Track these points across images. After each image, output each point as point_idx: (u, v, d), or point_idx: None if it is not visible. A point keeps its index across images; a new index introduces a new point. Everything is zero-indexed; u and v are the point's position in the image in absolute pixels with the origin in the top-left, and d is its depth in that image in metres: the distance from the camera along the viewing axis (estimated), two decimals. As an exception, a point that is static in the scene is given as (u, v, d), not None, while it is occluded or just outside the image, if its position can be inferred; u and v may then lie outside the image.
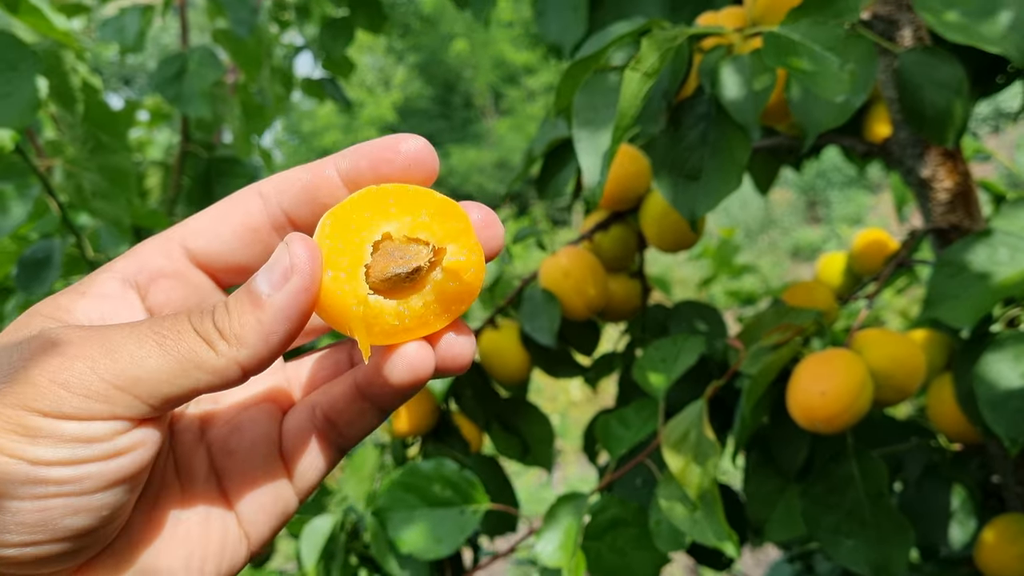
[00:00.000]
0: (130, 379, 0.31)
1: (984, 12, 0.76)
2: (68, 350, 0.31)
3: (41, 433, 0.30)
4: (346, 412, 0.38)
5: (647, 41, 0.73)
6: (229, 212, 0.38)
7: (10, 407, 0.30)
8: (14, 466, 0.29)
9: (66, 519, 0.30)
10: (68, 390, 0.30)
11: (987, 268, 0.88)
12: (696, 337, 0.98)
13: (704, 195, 0.83)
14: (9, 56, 1.11)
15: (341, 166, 0.37)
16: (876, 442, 1.07)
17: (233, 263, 0.39)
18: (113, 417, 0.31)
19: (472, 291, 0.36)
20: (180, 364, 0.31)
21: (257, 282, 0.33)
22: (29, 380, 0.30)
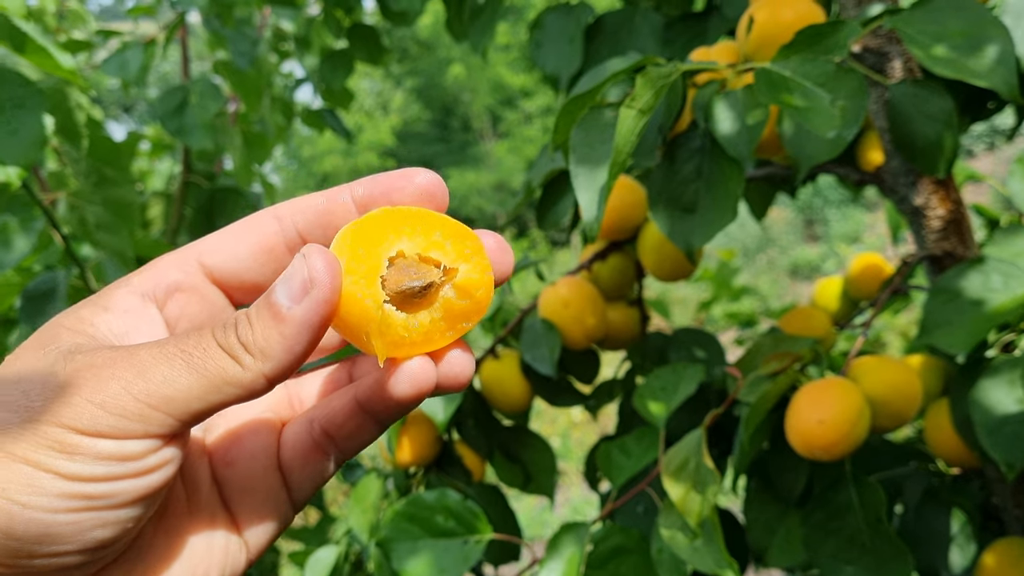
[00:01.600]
0: (162, 398, 0.32)
1: (971, 47, 0.77)
2: (103, 371, 0.32)
3: (78, 450, 0.31)
4: (344, 426, 0.39)
5: (641, 79, 0.74)
6: (245, 232, 0.39)
7: (48, 424, 0.31)
8: (51, 480, 0.30)
9: (94, 531, 0.32)
10: (104, 409, 0.31)
11: (981, 295, 0.89)
12: (695, 366, 0.99)
13: (700, 227, 0.84)
14: (16, 94, 1.13)
15: (356, 193, 0.39)
16: (875, 467, 1.08)
17: (248, 281, 0.40)
18: (146, 436, 0.32)
19: (480, 310, 0.37)
20: (210, 381, 0.32)
21: (277, 295, 0.34)
22: (66, 400, 0.31)
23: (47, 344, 0.34)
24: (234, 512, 0.39)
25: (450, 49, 12.29)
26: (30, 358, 0.34)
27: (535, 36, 1.34)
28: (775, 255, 8.37)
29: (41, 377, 0.32)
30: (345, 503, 4.10)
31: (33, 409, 0.31)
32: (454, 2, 1.46)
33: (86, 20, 2.47)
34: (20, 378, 0.33)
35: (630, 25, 1.29)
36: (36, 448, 0.30)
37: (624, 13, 1.30)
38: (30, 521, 0.30)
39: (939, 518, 1.04)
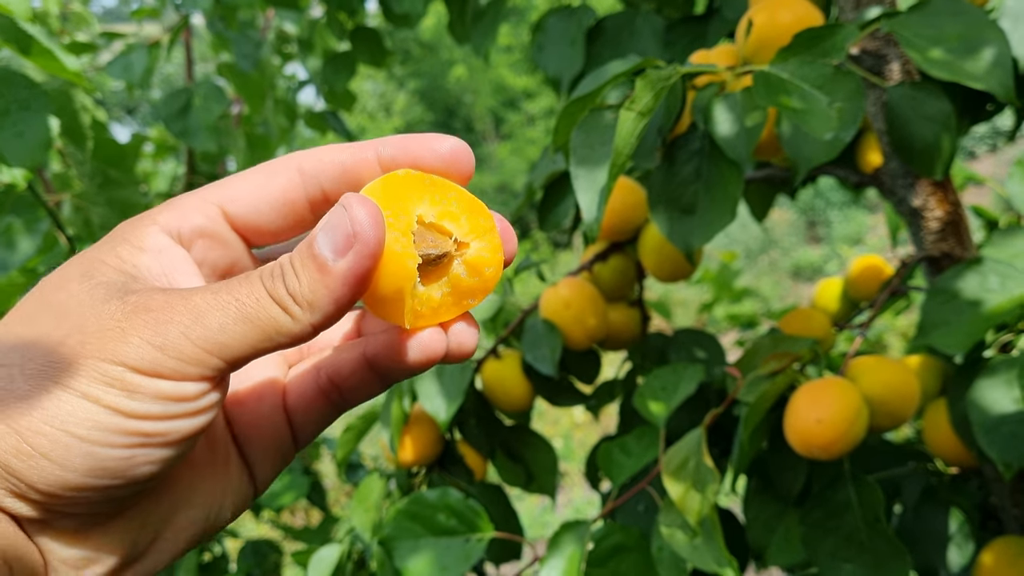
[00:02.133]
0: (217, 345, 0.33)
1: (968, 49, 0.78)
2: (161, 315, 0.33)
3: (138, 389, 0.32)
4: (350, 378, 0.40)
5: (641, 81, 0.75)
6: (268, 183, 0.40)
7: (107, 363, 0.32)
8: (109, 416, 0.32)
9: (143, 467, 0.33)
10: (163, 352, 0.32)
11: (978, 295, 0.90)
12: (695, 366, 1.00)
13: (699, 229, 0.85)
14: (21, 96, 1.14)
15: (383, 153, 0.39)
16: (874, 467, 1.09)
17: (266, 229, 0.40)
18: (200, 378, 0.33)
19: (487, 288, 0.38)
20: (262, 330, 0.34)
21: (320, 246, 0.34)
22: (126, 340, 0.32)
23: (91, 276, 0.35)
24: (243, 449, 0.41)
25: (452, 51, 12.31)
26: (76, 289, 0.35)
27: (537, 39, 1.35)
28: (777, 256, 8.37)
29: (95, 314, 0.33)
30: (347, 503, 4.11)
31: (91, 345, 0.32)
32: (456, 5, 1.46)
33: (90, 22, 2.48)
34: (70, 311, 0.34)
35: (631, 27, 1.30)
36: (96, 384, 0.32)
37: (625, 15, 1.30)
38: (87, 455, 0.32)
39: (937, 517, 1.05)
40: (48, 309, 0.34)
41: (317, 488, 2.05)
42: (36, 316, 0.34)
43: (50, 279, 0.36)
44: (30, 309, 0.35)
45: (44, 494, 0.32)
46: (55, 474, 0.31)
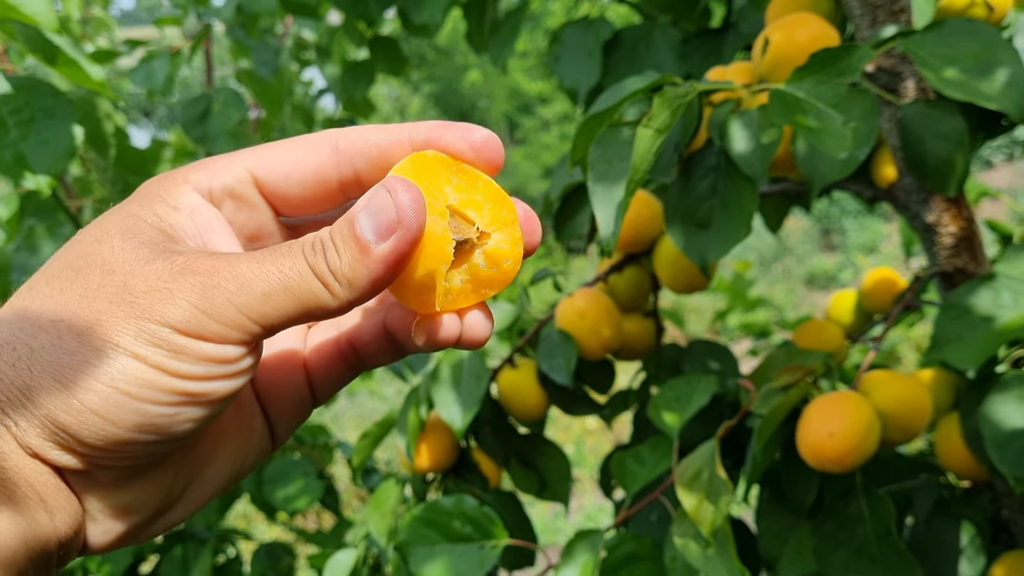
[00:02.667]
0: (260, 313, 0.34)
1: (982, 69, 0.79)
2: (208, 280, 0.34)
3: (184, 351, 0.33)
4: (369, 345, 0.42)
5: (659, 98, 0.76)
6: (303, 156, 0.40)
7: (155, 323, 0.33)
8: (155, 375, 0.33)
9: (184, 425, 0.34)
10: (209, 317, 0.33)
11: (991, 311, 0.90)
12: (709, 377, 1.01)
13: (715, 243, 0.86)
14: (47, 104, 1.16)
15: (416, 138, 0.40)
16: (886, 480, 1.09)
17: (294, 202, 0.41)
18: (240, 342, 0.34)
19: (505, 280, 0.39)
20: (302, 303, 0.35)
21: (362, 228, 0.35)
22: (173, 302, 0.33)
23: (133, 234, 0.36)
24: (265, 406, 0.42)
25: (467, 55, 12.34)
26: (119, 246, 0.35)
27: (554, 50, 1.36)
28: (791, 264, 8.35)
29: (143, 273, 0.34)
30: (359, 507, 4.13)
31: (139, 306, 0.33)
32: (475, 15, 1.48)
33: (110, 27, 2.51)
34: (115, 269, 0.35)
35: (648, 40, 1.31)
36: (144, 344, 0.33)
37: (642, 28, 1.32)
38: (135, 412, 0.33)
39: (949, 531, 1.05)
40: (92, 264, 0.35)
41: (331, 492, 2.07)
42: (81, 270, 0.35)
43: (88, 232, 0.37)
44: (73, 261, 0.36)
45: (91, 448, 0.33)
46: (104, 430, 0.33)
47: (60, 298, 0.34)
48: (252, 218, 0.41)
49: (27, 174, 1.12)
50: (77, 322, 0.33)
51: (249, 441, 0.41)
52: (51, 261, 0.36)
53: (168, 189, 0.39)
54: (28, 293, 0.35)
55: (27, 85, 1.14)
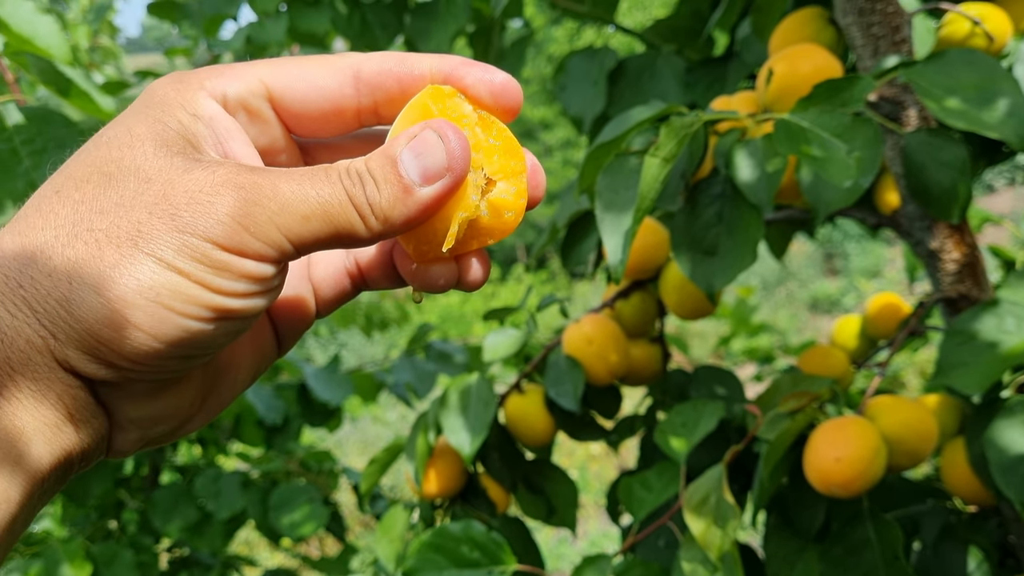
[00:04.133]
0: (297, 235, 0.34)
1: (983, 99, 0.81)
2: (250, 196, 0.34)
3: (226, 267, 0.33)
4: (375, 270, 0.42)
5: (665, 128, 0.78)
6: (322, 81, 0.39)
7: (198, 239, 0.33)
8: (198, 291, 0.33)
9: (219, 340, 0.35)
10: (251, 234, 0.33)
11: (995, 337, 0.91)
12: (715, 403, 1.02)
13: (721, 270, 0.87)
14: (59, 135, 1.17)
15: (436, 72, 0.39)
16: (894, 504, 1.10)
17: (306, 123, 0.40)
18: (275, 261, 0.35)
19: (505, 231, 0.38)
20: (336, 230, 0.35)
21: (407, 167, 0.35)
22: (217, 217, 0.33)
23: (164, 142, 0.35)
24: (272, 314, 0.43)
25: (471, 82, 12.39)
26: (152, 154, 0.35)
27: (559, 79, 1.38)
28: (794, 288, 8.37)
29: (183, 184, 0.34)
30: (363, 533, 4.12)
31: (180, 219, 0.33)
32: (480, 45, 1.50)
33: (117, 56, 2.54)
34: (152, 177, 0.34)
35: (652, 69, 1.33)
36: (186, 259, 0.33)
37: (646, 57, 1.34)
38: (176, 327, 0.33)
39: (956, 555, 1.05)
40: (125, 170, 0.34)
41: (336, 518, 2.07)
42: (114, 176, 0.34)
43: (115, 136, 0.35)
44: (103, 165, 0.34)
45: (130, 361, 0.33)
46: (147, 344, 0.33)
47: (94, 205, 0.33)
48: (264, 132, 0.40)
49: (38, 203, 1.14)
50: (116, 233, 0.33)
51: (261, 351, 0.42)
52: (74, 163, 0.35)
53: (185, 95, 0.37)
54: (56, 197, 0.34)
55: (39, 115, 1.15)
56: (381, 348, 7.55)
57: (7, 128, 1.14)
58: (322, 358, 6.94)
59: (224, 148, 0.38)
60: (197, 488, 1.88)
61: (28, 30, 1.10)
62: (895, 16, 0.94)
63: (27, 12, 1.11)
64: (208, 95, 0.38)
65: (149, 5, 1.71)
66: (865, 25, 0.95)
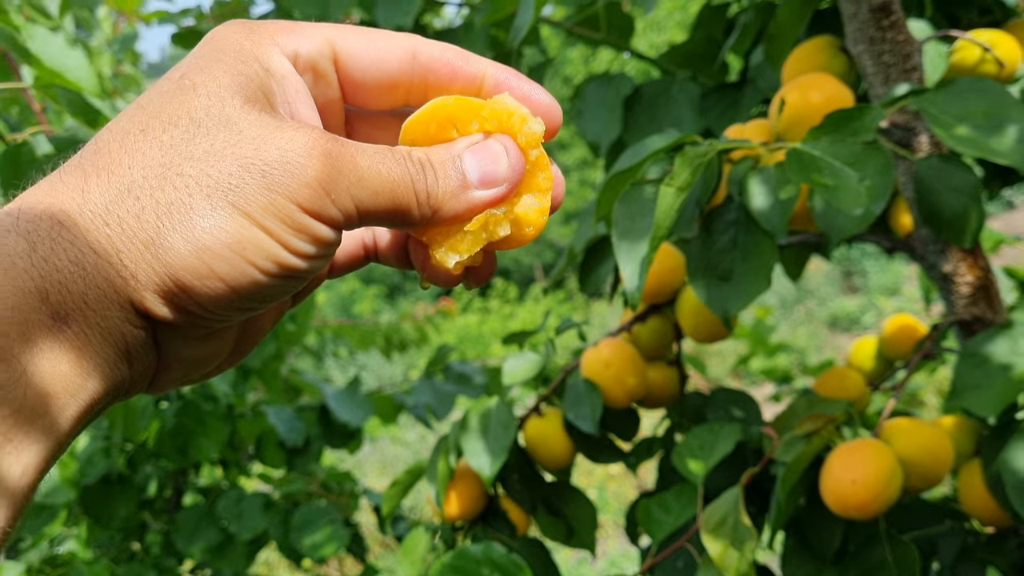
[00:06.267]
0: (366, 207, 0.36)
1: (993, 126, 0.82)
2: (336, 163, 0.35)
3: (305, 229, 0.34)
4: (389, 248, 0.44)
5: (680, 158, 0.80)
6: (386, 56, 0.40)
7: (285, 199, 0.34)
8: (279, 250, 0.34)
9: (278, 294, 0.36)
10: (330, 196, 0.35)
11: (1009, 359, 0.92)
12: (732, 425, 1.03)
13: (736, 295, 0.89)
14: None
15: (491, 77, 0.41)
16: (911, 526, 1.10)
17: (362, 91, 0.41)
18: (343, 228, 0.36)
19: (521, 243, 0.40)
20: (396, 209, 0.37)
21: (469, 168, 0.38)
22: (306, 181, 0.34)
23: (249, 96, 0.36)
24: None
25: (487, 103, 12.44)
26: (239, 105, 0.35)
27: (576, 105, 1.40)
28: (813, 307, 8.34)
29: (274, 142, 0.34)
30: (382, 554, 4.13)
31: (271, 176, 0.34)
32: (498, 73, 1.53)
33: (139, 83, 2.58)
34: (243, 130, 0.35)
35: (667, 95, 1.35)
36: (273, 219, 0.34)
37: (662, 83, 1.36)
38: (254, 282, 0.34)
39: (974, 576, 1.06)
40: (215, 119, 0.35)
41: (357, 539, 2.09)
42: (203, 123, 0.35)
43: (199, 82, 0.36)
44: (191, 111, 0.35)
45: (202, 308, 0.34)
46: (226, 296, 0.34)
47: (184, 150, 0.34)
48: (324, 93, 0.41)
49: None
50: (207, 182, 0.33)
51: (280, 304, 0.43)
52: (158, 103, 0.35)
53: (259, 48, 0.38)
54: (142, 136, 0.34)
55: (68, 145, 1.18)
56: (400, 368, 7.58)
57: (37, 159, 1.17)
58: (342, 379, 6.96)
59: (291, 108, 0.39)
60: (219, 510, 1.90)
61: (58, 64, 1.13)
62: (906, 44, 0.96)
63: (57, 47, 1.14)
64: (280, 54, 0.39)
65: (173, 36, 1.75)
66: (876, 53, 0.96)
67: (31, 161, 1.17)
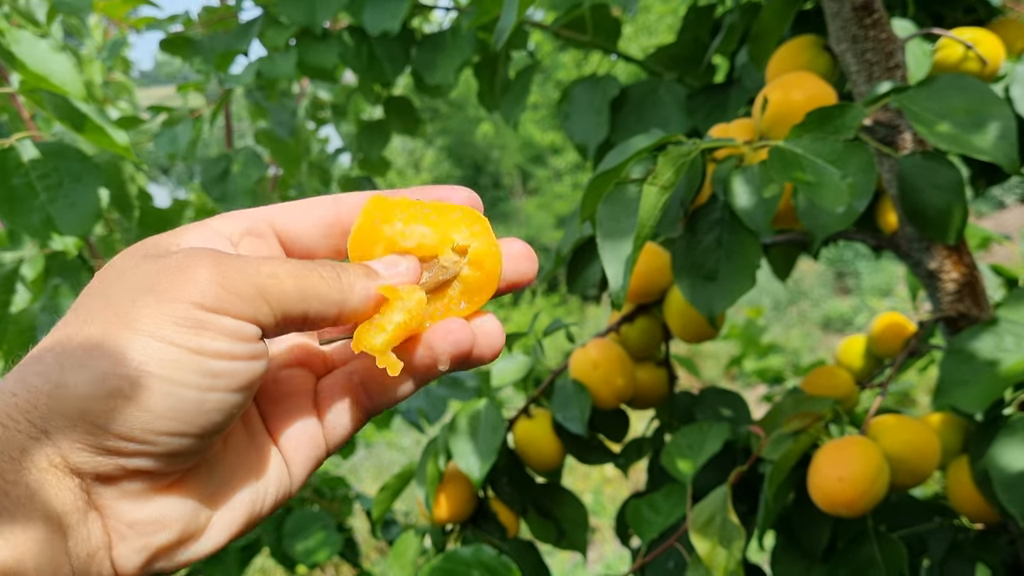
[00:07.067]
0: (266, 289, 0.36)
1: (974, 123, 0.82)
2: (221, 259, 0.36)
3: (206, 326, 0.34)
4: (383, 381, 0.43)
5: (663, 157, 0.80)
6: (312, 206, 0.43)
7: (175, 303, 0.34)
8: (183, 355, 0.34)
9: (211, 414, 0.35)
10: (225, 289, 0.35)
11: (994, 355, 0.92)
12: (721, 424, 1.03)
13: (721, 295, 0.89)
14: (74, 169, 1.20)
15: None
16: (901, 523, 1.10)
17: (307, 246, 0.44)
18: (255, 320, 0.36)
19: (492, 279, 0.42)
20: (303, 292, 0.37)
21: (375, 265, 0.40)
22: (193, 279, 0.34)
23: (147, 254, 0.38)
24: (279, 443, 0.43)
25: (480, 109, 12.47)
26: (131, 262, 0.37)
27: (563, 108, 1.40)
28: (806, 308, 8.34)
29: (158, 268, 0.36)
30: (378, 560, 4.12)
31: (158, 291, 0.34)
32: (486, 76, 1.53)
33: (131, 91, 2.58)
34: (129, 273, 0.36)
35: (654, 96, 1.35)
36: (167, 325, 0.34)
37: (648, 84, 1.36)
38: (166, 395, 0.34)
39: (964, 573, 1.06)
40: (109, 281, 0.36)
41: (351, 544, 2.08)
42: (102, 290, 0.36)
43: (102, 270, 0.38)
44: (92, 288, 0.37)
45: (122, 439, 0.33)
46: (135, 415, 0.33)
47: (84, 313, 0.35)
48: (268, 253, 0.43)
49: (55, 236, 1.16)
50: (101, 321, 0.34)
51: (266, 472, 0.42)
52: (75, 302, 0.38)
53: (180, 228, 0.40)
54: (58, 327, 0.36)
55: (55, 151, 1.18)
56: (394, 374, 7.54)
57: (23, 164, 1.17)
58: (335, 385, 6.92)
59: None
60: (212, 516, 1.89)
61: (43, 68, 1.12)
62: (888, 42, 0.96)
63: (42, 51, 1.13)
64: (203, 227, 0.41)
65: (161, 42, 1.75)
66: (859, 52, 0.97)
67: (17, 167, 1.17)
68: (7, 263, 1.45)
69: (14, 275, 1.46)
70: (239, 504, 0.40)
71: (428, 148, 13.70)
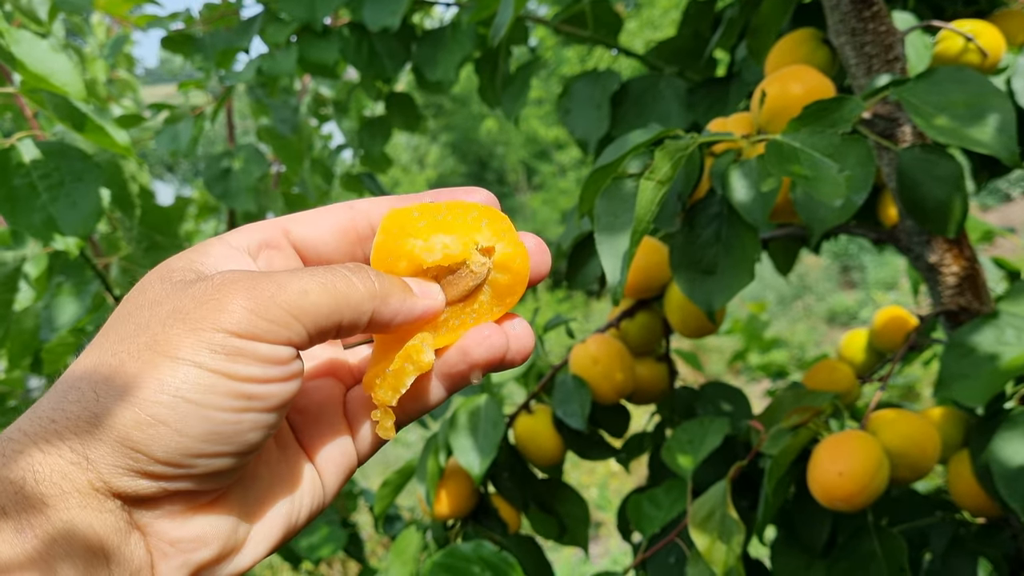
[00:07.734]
0: (299, 309, 0.36)
1: (973, 116, 0.82)
2: (250, 283, 0.36)
3: (240, 353, 0.35)
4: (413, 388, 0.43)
5: (660, 152, 0.80)
6: (326, 214, 0.44)
7: (210, 331, 0.35)
8: (217, 379, 0.34)
9: (248, 434, 0.36)
10: (257, 315, 0.35)
11: (995, 349, 0.92)
12: (721, 419, 1.03)
13: (719, 289, 0.89)
14: (75, 168, 1.20)
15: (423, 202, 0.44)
16: (902, 518, 1.10)
17: (324, 255, 0.44)
18: (288, 343, 0.36)
19: (522, 280, 0.42)
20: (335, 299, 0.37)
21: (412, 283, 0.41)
22: (225, 308, 0.35)
23: (169, 278, 0.38)
24: (312, 456, 0.44)
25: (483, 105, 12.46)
26: (160, 287, 0.38)
27: (564, 103, 1.40)
28: (811, 302, 8.33)
29: (188, 294, 0.36)
30: (384, 555, 4.12)
31: (192, 319, 0.35)
32: (487, 72, 1.53)
33: (134, 88, 2.58)
34: (161, 301, 0.37)
35: (655, 91, 1.35)
36: (203, 351, 0.34)
37: (649, 79, 1.36)
38: (203, 419, 0.34)
39: (965, 567, 1.06)
40: (140, 306, 0.37)
41: (355, 540, 2.09)
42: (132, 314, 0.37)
43: (130, 294, 0.39)
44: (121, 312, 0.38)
45: (162, 463, 0.34)
46: (174, 440, 0.34)
47: (115, 337, 0.36)
48: (287, 265, 0.43)
49: (56, 236, 1.16)
50: (135, 348, 0.35)
51: (301, 485, 0.42)
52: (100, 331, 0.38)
53: (201, 246, 0.41)
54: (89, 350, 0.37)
55: (56, 150, 1.18)
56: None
57: (24, 164, 1.17)
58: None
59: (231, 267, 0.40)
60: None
61: (43, 68, 1.12)
62: (888, 35, 0.96)
63: (42, 51, 1.13)
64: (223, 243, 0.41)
65: (163, 40, 1.75)
66: (858, 45, 0.96)
67: (18, 166, 1.17)
68: (10, 262, 1.45)
69: (17, 273, 1.46)
70: (276, 517, 0.41)
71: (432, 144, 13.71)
